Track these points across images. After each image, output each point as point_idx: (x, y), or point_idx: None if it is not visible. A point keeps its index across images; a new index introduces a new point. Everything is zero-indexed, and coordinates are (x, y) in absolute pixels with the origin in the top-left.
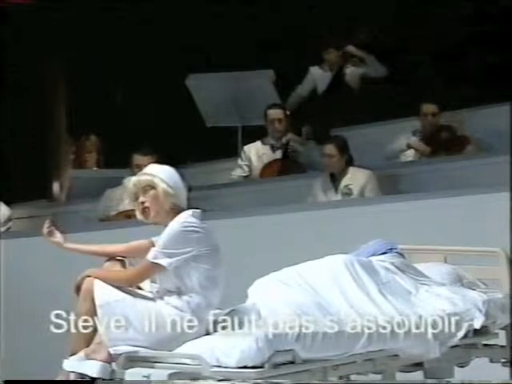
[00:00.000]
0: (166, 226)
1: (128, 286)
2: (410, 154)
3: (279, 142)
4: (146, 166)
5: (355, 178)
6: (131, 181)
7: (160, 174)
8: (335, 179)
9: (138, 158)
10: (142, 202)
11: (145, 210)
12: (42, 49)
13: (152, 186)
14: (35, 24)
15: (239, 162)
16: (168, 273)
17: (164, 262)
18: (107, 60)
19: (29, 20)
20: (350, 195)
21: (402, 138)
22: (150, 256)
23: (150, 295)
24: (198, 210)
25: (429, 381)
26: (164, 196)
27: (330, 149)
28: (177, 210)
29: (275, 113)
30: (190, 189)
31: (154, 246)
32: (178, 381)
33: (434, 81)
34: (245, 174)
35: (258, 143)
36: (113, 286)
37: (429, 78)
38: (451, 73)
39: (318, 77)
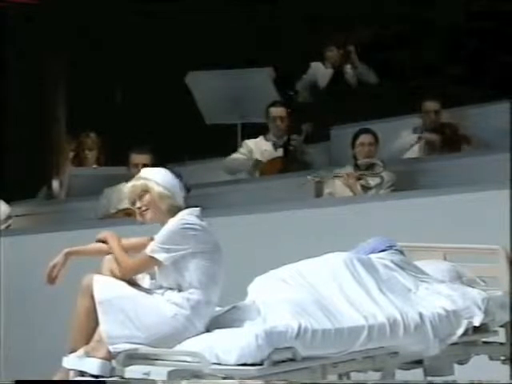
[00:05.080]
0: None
1: (123, 276)
2: (414, 151)
3: (281, 140)
4: (143, 164)
5: (378, 174)
6: (127, 187)
7: (154, 177)
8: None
9: (135, 157)
10: (139, 208)
11: (142, 214)
12: (42, 48)
13: (146, 191)
14: (35, 24)
15: (240, 151)
16: (167, 269)
17: (161, 256)
18: (107, 58)
19: (29, 20)
20: (367, 189)
21: (409, 133)
22: (148, 250)
23: (149, 292)
24: (197, 209)
25: (435, 380)
26: (159, 198)
27: (369, 138)
28: (175, 210)
29: (277, 111)
30: (188, 190)
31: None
32: (178, 378)
33: (434, 78)
34: (245, 157)
35: (260, 139)
36: (112, 282)
37: (430, 75)
38: (452, 71)
39: (319, 72)
